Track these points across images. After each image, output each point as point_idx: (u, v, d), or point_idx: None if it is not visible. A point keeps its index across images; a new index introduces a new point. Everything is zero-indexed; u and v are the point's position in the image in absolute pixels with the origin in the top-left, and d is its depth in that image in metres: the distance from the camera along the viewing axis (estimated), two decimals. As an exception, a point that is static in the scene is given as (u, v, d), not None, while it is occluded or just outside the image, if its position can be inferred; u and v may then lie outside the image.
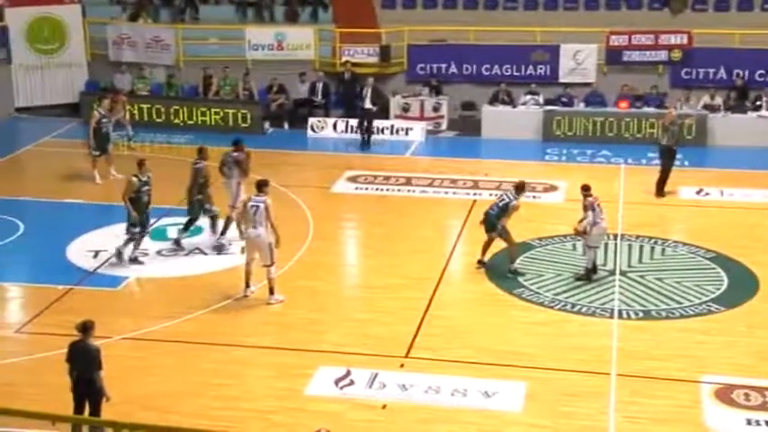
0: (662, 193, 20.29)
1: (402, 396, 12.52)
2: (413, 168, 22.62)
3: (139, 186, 16.50)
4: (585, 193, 16.17)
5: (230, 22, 28.61)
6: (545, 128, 24.92)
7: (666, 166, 20.41)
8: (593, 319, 14.86)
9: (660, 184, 20.36)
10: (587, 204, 16.08)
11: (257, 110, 25.87)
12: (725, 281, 16.24)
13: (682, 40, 25.88)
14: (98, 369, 10.92)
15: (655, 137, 22.63)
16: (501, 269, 16.44)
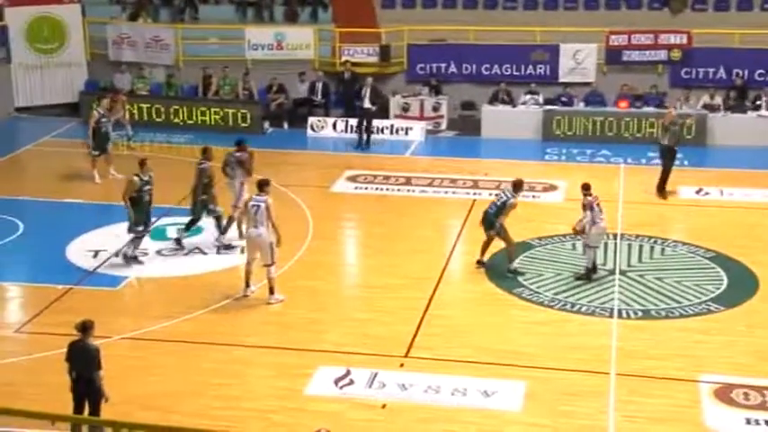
0: (664, 193, 20.28)
1: (402, 395, 12.52)
2: (412, 168, 22.62)
3: (141, 186, 16.48)
4: (585, 193, 16.18)
5: (230, 22, 28.59)
6: (545, 127, 24.92)
7: (667, 167, 20.42)
8: (592, 318, 14.86)
9: (661, 185, 20.36)
10: (586, 204, 16.08)
11: (257, 109, 25.85)
12: (724, 280, 16.24)
13: (681, 39, 25.88)
14: (97, 369, 10.91)
15: (654, 136, 22.64)
16: (500, 269, 16.44)
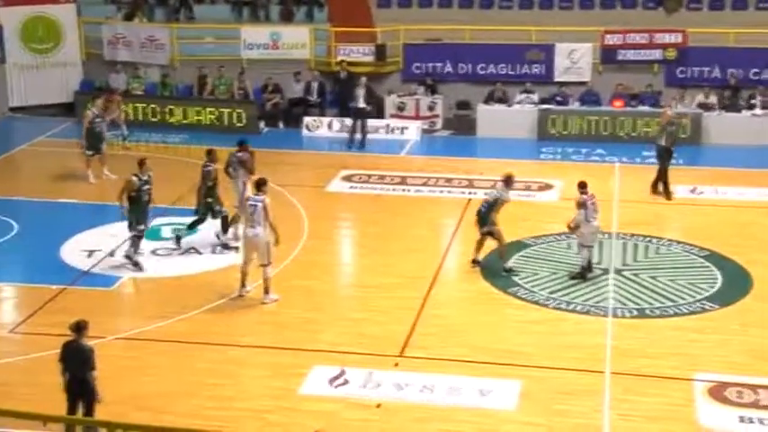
0: (669, 193, 20.13)
1: (397, 395, 12.52)
2: (408, 167, 22.62)
3: (140, 185, 16.42)
4: (581, 191, 16.18)
5: (225, 22, 28.58)
6: (540, 127, 24.93)
7: (664, 167, 20.38)
8: (587, 317, 14.87)
9: (656, 184, 20.31)
10: (580, 201, 16.09)
11: (252, 109, 25.84)
12: (719, 279, 16.26)
13: (676, 39, 25.89)
14: (91, 369, 10.90)
15: (650, 135, 22.65)
16: (495, 268, 16.45)
